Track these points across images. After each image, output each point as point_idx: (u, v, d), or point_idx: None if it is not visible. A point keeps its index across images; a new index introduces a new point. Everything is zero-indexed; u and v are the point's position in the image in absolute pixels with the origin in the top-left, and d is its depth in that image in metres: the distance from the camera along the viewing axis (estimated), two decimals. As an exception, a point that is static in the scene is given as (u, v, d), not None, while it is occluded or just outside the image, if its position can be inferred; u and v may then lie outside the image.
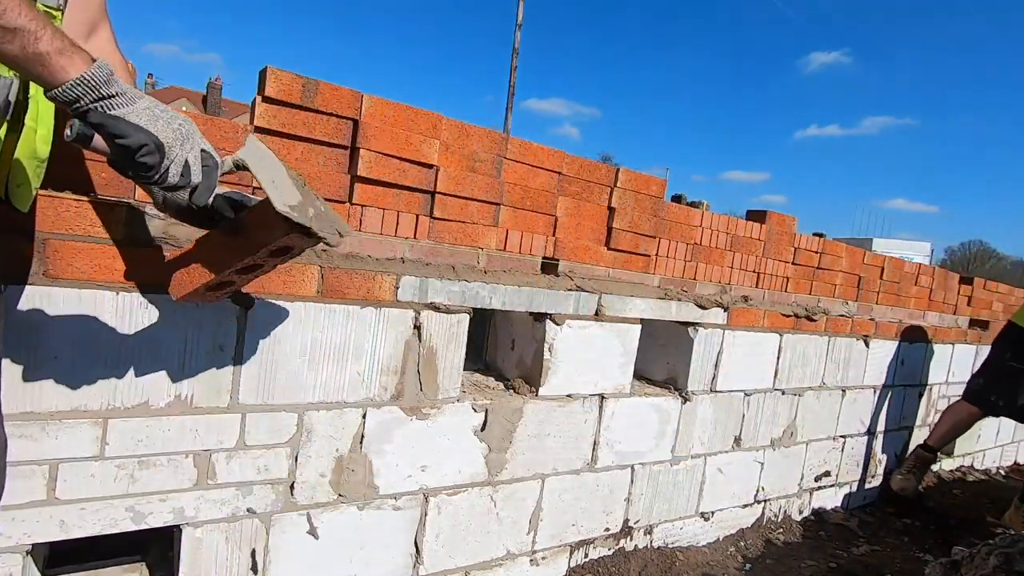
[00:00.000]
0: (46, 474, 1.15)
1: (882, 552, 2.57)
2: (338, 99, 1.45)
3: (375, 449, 1.53)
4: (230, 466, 1.34)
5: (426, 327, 1.57)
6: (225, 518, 1.35)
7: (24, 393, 1.12)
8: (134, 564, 1.39)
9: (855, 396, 2.93)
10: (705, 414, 2.27)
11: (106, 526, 1.22)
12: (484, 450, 1.72)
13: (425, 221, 1.62)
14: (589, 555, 2.04)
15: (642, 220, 2.06)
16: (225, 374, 1.31)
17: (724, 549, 2.38)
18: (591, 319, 1.88)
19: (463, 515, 1.71)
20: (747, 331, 2.34)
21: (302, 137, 1.42)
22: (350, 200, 1.50)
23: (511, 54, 15.22)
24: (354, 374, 1.48)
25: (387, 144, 1.52)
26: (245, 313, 1.31)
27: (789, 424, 2.62)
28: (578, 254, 1.93)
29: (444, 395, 1.63)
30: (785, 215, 2.60)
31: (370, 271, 1.46)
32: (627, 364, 2.01)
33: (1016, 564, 1.64)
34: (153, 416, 1.24)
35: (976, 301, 3.87)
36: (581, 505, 1.97)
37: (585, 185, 1.92)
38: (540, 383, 1.81)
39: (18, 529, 1.14)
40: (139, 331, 1.20)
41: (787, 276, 2.62)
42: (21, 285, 1.09)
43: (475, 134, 1.68)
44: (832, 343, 2.73)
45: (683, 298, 2.11)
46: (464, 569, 1.75)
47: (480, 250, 1.73)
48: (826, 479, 2.91)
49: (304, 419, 1.42)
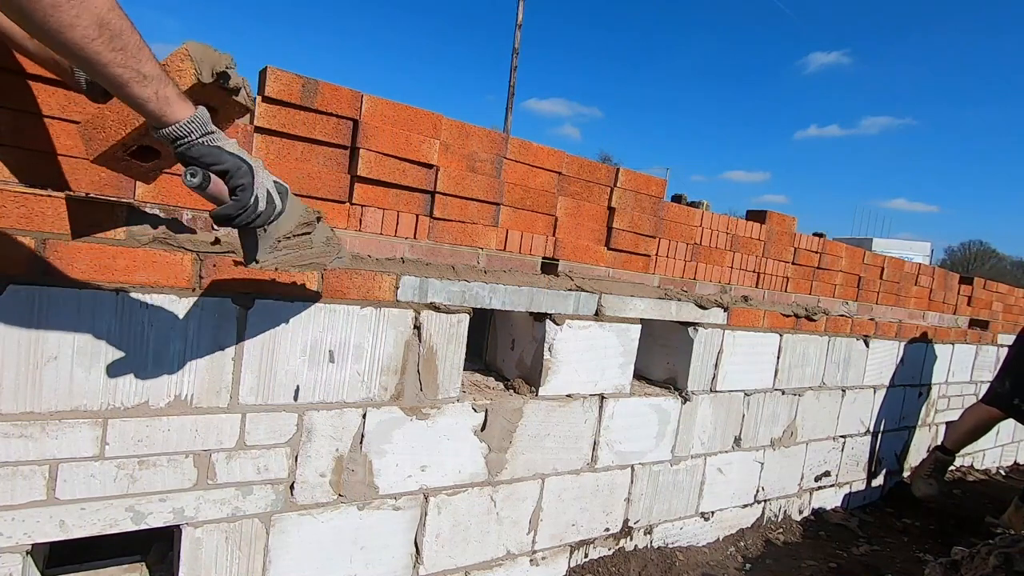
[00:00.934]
0: (46, 474, 1.15)
1: (882, 552, 2.58)
2: (338, 99, 1.45)
3: (375, 449, 1.53)
4: (230, 466, 1.34)
5: (426, 327, 1.57)
6: (225, 518, 1.35)
7: (24, 393, 1.12)
8: (134, 564, 1.39)
9: (855, 396, 2.94)
10: (705, 414, 2.27)
11: (106, 526, 1.22)
12: (484, 450, 1.72)
13: (425, 221, 1.62)
14: (589, 555, 2.04)
15: (642, 220, 2.06)
16: (225, 374, 1.31)
17: (724, 549, 2.38)
18: (591, 319, 1.88)
19: (463, 515, 1.71)
20: (747, 331, 2.34)
21: (302, 137, 1.42)
22: (350, 200, 1.50)
23: (511, 54, 15.22)
24: (354, 374, 1.48)
25: (387, 144, 1.52)
26: (245, 313, 1.31)
27: (789, 424, 2.62)
28: (578, 254, 1.93)
29: (444, 395, 1.63)
30: (785, 215, 2.60)
31: (370, 271, 1.46)
32: (627, 364, 2.01)
33: (1016, 564, 1.63)
34: (153, 416, 1.24)
35: (976, 301, 3.87)
36: (581, 505, 1.97)
37: (585, 185, 1.93)
38: (540, 383, 1.81)
39: (18, 529, 1.14)
40: (139, 331, 1.20)
41: (787, 276, 2.63)
42: (21, 285, 1.09)
43: (475, 134, 1.68)
44: (832, 343, 2.73)
45: (683, 298, 2.11)
46: (464, 569, 1.75)
47: (480, 250, 1.73)
48: (826, 479, 2.91)
49: (304, 419, 1.42)
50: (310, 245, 1.12)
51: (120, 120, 0.98)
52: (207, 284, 1.26)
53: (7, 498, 1.12)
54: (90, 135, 1.00)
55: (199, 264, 1.25)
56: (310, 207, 1.13)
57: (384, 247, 1.56)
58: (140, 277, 1.19)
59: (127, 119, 0.97)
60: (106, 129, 0.99)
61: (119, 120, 0.98)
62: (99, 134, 0.99)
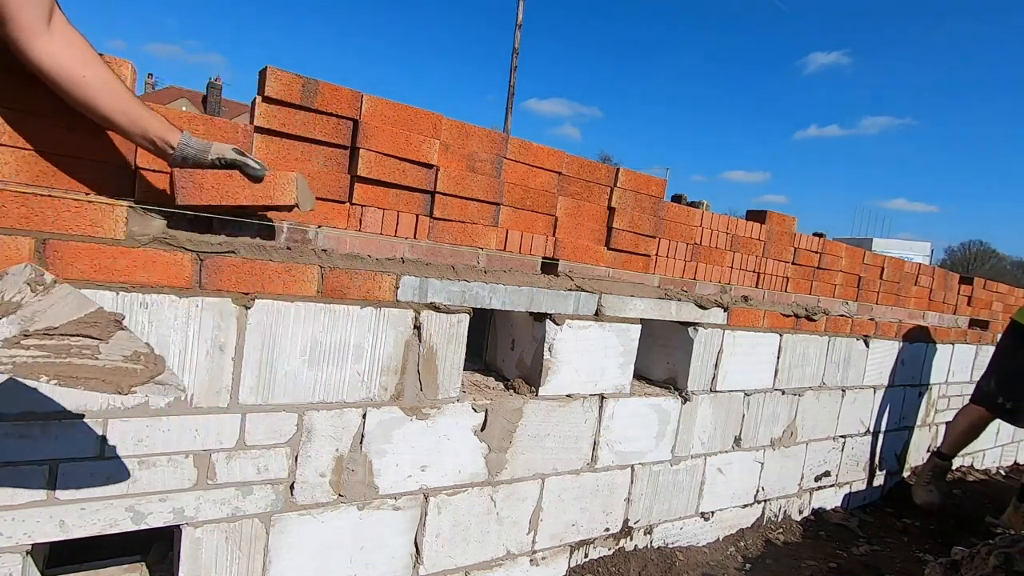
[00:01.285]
0: (46, 474, 1.15)
1: (882, 552, 2.58)
2: (338, 99, 1.45)
3: (375, 449, 1.53)
4: (230, 466, 1.34)
5: (426, 327, 1.57)
6: (225, 518, 1.35)
7: (24, 393, 1.12)
8: (134, 564, 1.39)
9: (855, 396, 2.93)
10: (705, 414, 2.27)
11: (106, 526, 1.22)
12: (484, 450, 1.72)
13: (425, 221, 1.62)
14: (589, 555, 2.04)
15: (642, 220, 2.06)
16: (225, 374, 1.31)
17: (724, 549, 2.38)
18: (591, 319, 1.88)
19: (463, 515, 1.71)
20: (747, 331, 2.34)
21: (302, 137, 1.42)
22: (350, 200, 1.50)
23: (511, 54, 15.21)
24: (354, 374, 1.48)
25: (387, 144, 1.52)
26: (245, 313, 1.31)
27: (789, 424, 2.62)
28: (578, 254, 1.93)
29: (444, 395, 1.63)
30: (785, 215, 2.60)
31: (370, 271, 1.46)
32: (627, 364, 2.01)
33: (1016, 564, 1.63)
34: (153, 416, 1.24)
35: (976, 301, 3.87)
36: (581, 505, 1.97)
37: (585, 185, 1.93)
38: (540, 383, 1.81)
39: (18, 529, 1.14)
40: (139, 331, 1.20)
41: (787, 276, 2.62)
42: (21, 285, 1.09)
43: (475, 134, 1.68)
44: (832, 343, 2.73)
45: (683, 298, 2.11)
46: (464, 569, 1.75)
47: (480, 250, 1.73)
48: (826, 479, 2.91)
49: (304, 419, 1.42)
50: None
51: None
52: (207, 284, 1.26)
53: (7, 498, 1.12)
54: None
55: (199, 264, 1.25)
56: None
57: (384, 247, 1.56)
58: (140, 277, 1.20)
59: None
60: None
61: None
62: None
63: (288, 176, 1.27)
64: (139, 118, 1.11)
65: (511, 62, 15.27)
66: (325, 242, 1.49)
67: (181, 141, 1.16)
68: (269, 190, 1.25)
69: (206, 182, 1.18)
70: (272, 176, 1.24)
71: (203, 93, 32.44)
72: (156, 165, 1.24)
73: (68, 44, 1.04)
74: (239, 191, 1.22)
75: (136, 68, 1.26)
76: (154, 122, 1.12)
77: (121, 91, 1.10)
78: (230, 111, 29.68)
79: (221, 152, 1.20)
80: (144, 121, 1.11)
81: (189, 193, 1.17)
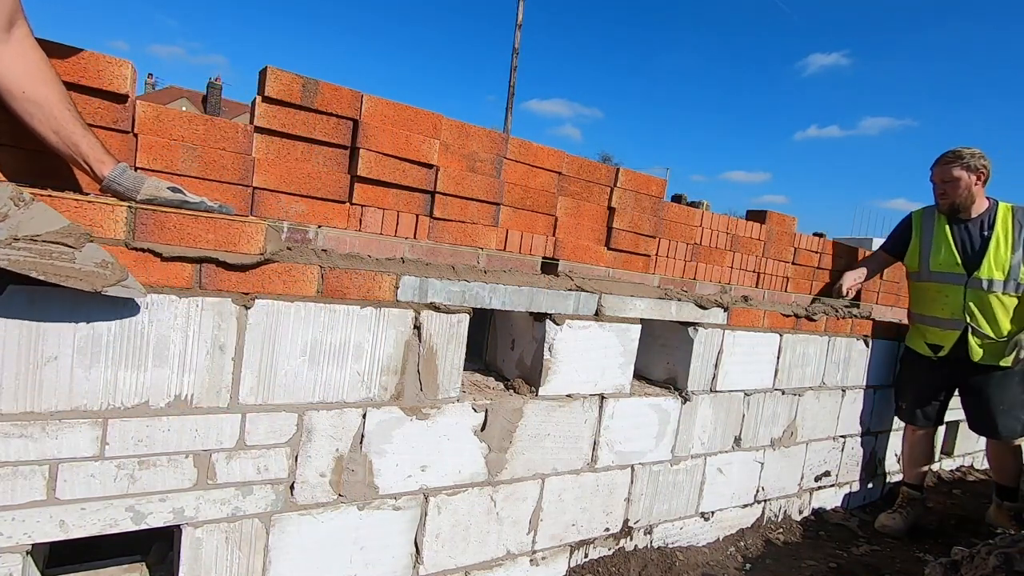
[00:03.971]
0: (46, 474, 1.15)
1: (882, 552, 2.57)
2: (338, 99, 1.45)
3: (375, 449, 1.53)
4: (230, 466, 1.34)
5: (426, 327, 1.57)
6: (225, 518, 1.35)
7: (24, 393, 1.12)
8: (134, 564, 1.39)
9: (855, 396, 2.93)
10: (705, 414, 2.27)
11: (106, 526, 1.22)
12: (484, 450, 1.72)
13: (425, 221, 1.62)
14: (589, 555, 2.04)
15: (642, 220, 2.06)
16: (225, 374, 1.31)
17: (724, 549, 2.38)
18: (591, 319, 1.88)
19: (463, 515, 1.71)
20: (747, 331, 2.34)
21: (302, 137, 1.42)
22: (350, 200, 1.50)
23: (511, 54, 15.21)
24: (354, 374, 1.48)
25: (387, 144, 1.52)
26: (245, 313, 1.31)
27: (789, 424, 2.62)
28: (578, 254, 1.93)
29: (444, 395, 1.62)
30: (785, 215, 2.60)
31: (370, 271, 1.46)
32: (627, 364, 2.01)
33: (1016, 564, 1.63)
34: (153, 416, 1.24)
35: (976, 301, 3.86)
36: (581, 505, 1.97)
37: (585, 185, 1.93)
38: (540, 383, 1.81)
39: (18, 529, 1.14)
40: (139, 331, 1.20)
41: (787, 276, 2.63)
42: (21, 285, 1.09)
43: (475, 134, 1.68)
44: (832, 343, 2.73)
45: (683, 298, 2.11)
46: (464, 569, 1.75)
47: (480, 250, 1.73)
48: (826, 479, 2.91)
49: (304, 419, 1.42)
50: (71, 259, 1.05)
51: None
52: (207, 284, 1.26)
53: (7, 498, 1.12)
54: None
55: (199, 264, 1.25)
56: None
57: (384, 247, 1.56)
58: (140, 277, 1.19)
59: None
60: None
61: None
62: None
63: (258, 226, 1.23)
64: (72, 142, 1.12)
65: (511, 62, 15.27)
66: (325, 242, 1.49)
67: (108, 176, 1.15)
68: (235, 237, 1.24)
69: (168, 221, 1.16)
70: (240, 225, 1.21)
71: (203, 93, 32.45)
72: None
73: (18, 57, 1.07)
74: (202, 235, 1.20)
75: (136, 68, 1.26)
76: (88, 149, 1.14)
77: (60, 113, 1.11)
78: (231, 111, 29.69)
79: (153, 192, 1.19)
80: (78, 146, 1.13)
81: (149, 231, 1.15)
